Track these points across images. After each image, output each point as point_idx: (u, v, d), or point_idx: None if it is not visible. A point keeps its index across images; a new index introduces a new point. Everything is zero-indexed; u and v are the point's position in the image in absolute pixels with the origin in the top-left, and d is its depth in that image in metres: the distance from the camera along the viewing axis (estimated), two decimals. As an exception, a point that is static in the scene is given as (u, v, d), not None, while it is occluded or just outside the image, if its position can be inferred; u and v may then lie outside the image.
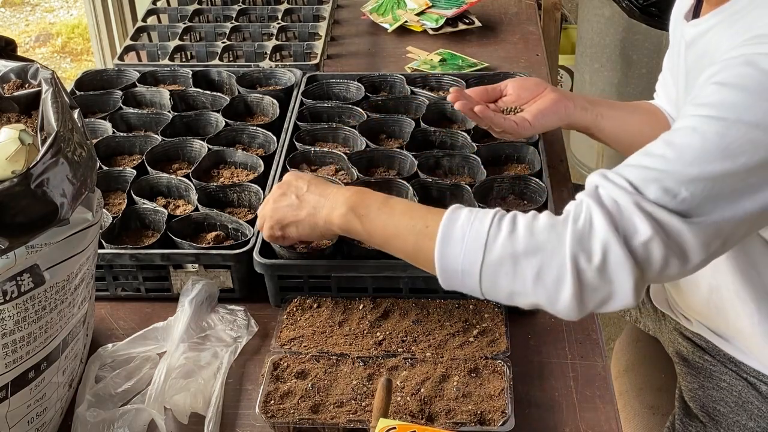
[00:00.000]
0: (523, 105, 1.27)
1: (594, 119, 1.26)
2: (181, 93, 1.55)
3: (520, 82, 1.30)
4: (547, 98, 1.26)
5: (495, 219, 0.91)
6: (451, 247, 0.92)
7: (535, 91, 1.27)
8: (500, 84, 1.31)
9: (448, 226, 0.93)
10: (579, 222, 0.88)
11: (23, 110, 0.99)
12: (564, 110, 1.25)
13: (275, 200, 1.10)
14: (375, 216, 1.01)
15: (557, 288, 0.88)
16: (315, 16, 1.93)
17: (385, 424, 0.91)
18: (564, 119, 1.26)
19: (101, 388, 1.04)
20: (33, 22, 4.60)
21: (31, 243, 0.84)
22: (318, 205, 1.06)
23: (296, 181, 1.10)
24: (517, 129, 1.22)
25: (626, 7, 2.57)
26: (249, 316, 1.16)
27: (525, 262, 0.88)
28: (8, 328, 0.86)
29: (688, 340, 1.30)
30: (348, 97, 1.55)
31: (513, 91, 1.29)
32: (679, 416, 1.27)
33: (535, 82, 1.30)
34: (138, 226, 1.26)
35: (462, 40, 1.94)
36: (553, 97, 1.25)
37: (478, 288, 0.92)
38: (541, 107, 1.24)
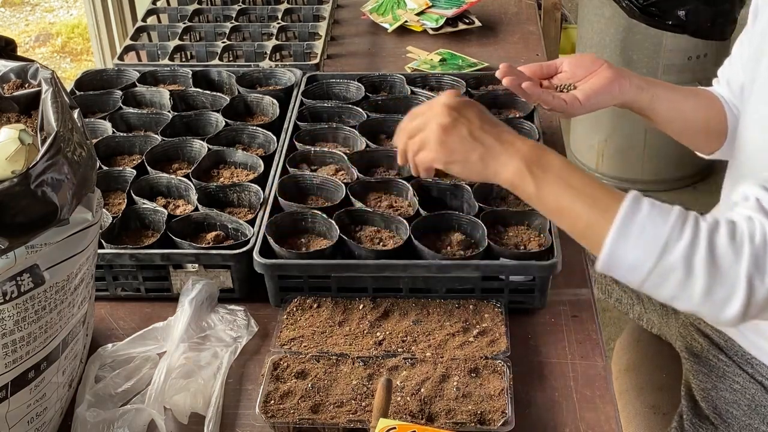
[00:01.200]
0: (578, 82, 1.24)
1: (649, 100, 1.24)
2: (181, 93, 1.55)
3: (576, 59, 1.27)
4: (601, 76, 1.22)
5: (677, 221, 0.88)
6: (627, 239, 0.89)
7: (591, 68, 1.24)
8: (556, 61, 1.29)
9: (629, 217, 0.89)
10: (756, 240, 0.87)
11: (23, 110, 0.99)
12: (618, 89, 1.21)
13: (445, 129, 0.99)
14: (551, 182, 0.95)
15: (725, 304, 0.87)
16: (315, 16, 1.93)
17: (385, 424, 0.91)
18: (618, 98, 1.23)
19: (101, 388, 1.04)
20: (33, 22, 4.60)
21: (31, 243, 0.84)
22: (492, 150, 0.98)
23: (467, 111, 1.01)
24: (567, 107, 1.21)
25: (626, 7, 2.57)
26: (249, 316, 1.16)
27: (699, 276, 0.87)
28: (8, 328, 0.86)
29: (703, 336, 1.29)
30: (348, 97, 1.55)
31: (568, 68, 1.26)
32: (688, 416, 1.26)
33: (591, 59, 1.26)
34: (138, 226, 1.26)
35: (462, 40, 1.94)
36: (608, 75, 1.21)
37: (639, 284, 0.90)
38: (594, 86, 1.21)
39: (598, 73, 1.23)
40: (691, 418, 1.26)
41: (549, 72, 1.28)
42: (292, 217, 1.23)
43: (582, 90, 1.22)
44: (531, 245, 1.18)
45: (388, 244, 1.18)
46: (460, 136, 0.98)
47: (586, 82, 1.23)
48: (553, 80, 1.27)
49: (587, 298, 1.20)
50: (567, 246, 1.26)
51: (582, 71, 1.25)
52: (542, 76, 1.28)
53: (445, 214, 1.22)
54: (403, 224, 1.19)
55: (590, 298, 1.20)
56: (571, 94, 1.21)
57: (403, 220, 1.19)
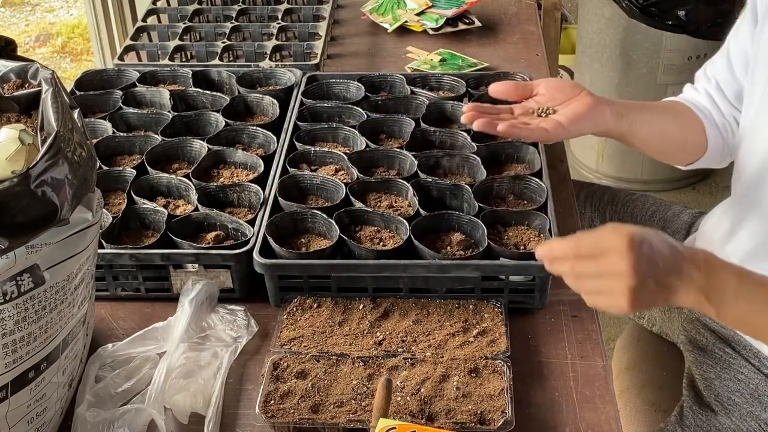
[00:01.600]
0: (557, 106, 1.20)
1: (629, 126, 1.21)
2: (181, 93, 1.55)
3: (555, 84, 1.23)
4: (583, 102, 1.18)
5: None
6: None
7: (571, 94, 1.20)
8: (533, 82, 1.24)
9: None
10: None
11: (23, 110, 0.99)
12: (600, 116, 1.18)
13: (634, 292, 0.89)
14: (731, 303, 0.92)
15: None
16: (315, 16, 1.93)
17: (385, 424, 0.91)
18: (599, 126, 1.19)
19: (101, 388, 1.04)
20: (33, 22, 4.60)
21: (31, 243, 0.84)
22: (673, 288, 0.92)
23: (651, 258, 0.91)
24: (549, 135, 1.16)
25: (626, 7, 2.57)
26: (249, 316, 1.16)
27: None
28: (8, 328, 0.86)
29: (710, 331, 1.30)
30: (348, 97, 1.55)
31: (546, 91, 1.22)
32: (689, 404, 1.27)
33: (571, 85, 1.23)
34: (138, 226, 1.26)
35: (462, 40, 1.94)
36: (589, 102, 1.18)
37: None
38: (576, 111, 1.17)
39: (578, 98, 1.19)
40: (692, 406, 1.26)
41: (525, 93, 1.23)
42: (292, 217, 1.23)
43: (564, 114, 1.17)
44: (531, 245, 1.18)
45: (388, 244, 1.19)
46: (648, 290, 0.91)
47: (566, 107, 1.19)
48: (530, 102, 1.23)
49: (587, 298, 1.20)
50: (567, 246, 1.26)
51: (561, 96, 1.21)
52: (517, 96, 1.23)
53: (445, 214, 1.22)
54: (403, 224, 1.19)
55: (590, 298, 1.20)
56: (553, 119, 1.17)
57: (403, 220, 1.19)
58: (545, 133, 1.15)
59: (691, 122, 1.29)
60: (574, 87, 1.21)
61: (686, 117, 1.30)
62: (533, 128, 1.15)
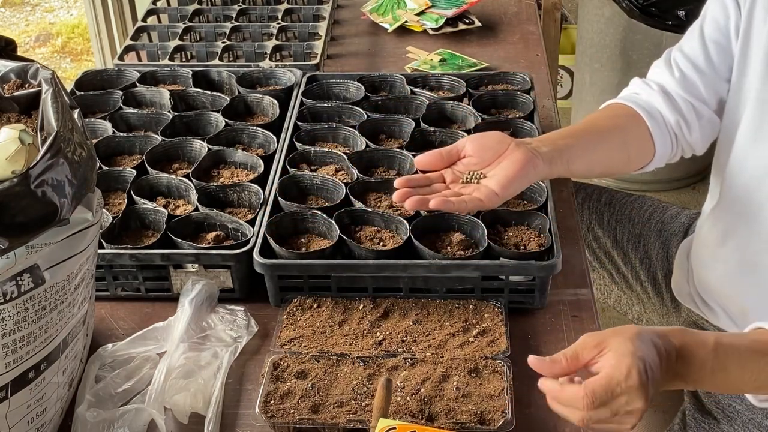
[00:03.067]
0: (486, 168, 1.13)
1: (566, 167, 1.17)
2: (181, 93, 1.55)
3: (480, 141, 1.14)
4: (512, 160, 1.11)
5: None
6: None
7: (498, 150, 1.12)
8: (457, 144, 1.16)
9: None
10: None
11: (23, 110, 0.99)
12: (533, 171, 1.12)
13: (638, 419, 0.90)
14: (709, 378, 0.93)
15: None
16: (315, 16, 1.93)
17: (385, 424, 0.91)
18: (533, 180, 1.14)
19: (101, 388, 1.04)
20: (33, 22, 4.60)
21: (31, 243, 0.84)
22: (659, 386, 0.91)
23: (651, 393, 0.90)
24: (484, 204, 1.09)
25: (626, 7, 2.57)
26: (249, 316, 1.16)
27: None
28: (8, 328, 0.86)
29: None
30: (348, 97, 1.55)
31: (473, 152, 1.14)
32: (691, 411, 1.27)
33: (497, 139, 1.14)
34: (138, 226, 1.26)
35: (462, 40, 1.94)
36: (518, 158, 1.10)
37: None
38: (508, 173, 1.10)
39: (507, 155, 1.12)
40: (693, 413, 1.26)
41: (450, 159, 1.15)
42: (292, 217, 1.23)
43: (496, 179, 1.10)
44: (531, 245, 1.18)
45: (388, 244, 1.19)
46: None
47: (496, 167, 1.12)
48: (458, 167, 1.15)
49: (587, 298, 1.20)
50: (567, 246, 1.26)
51: (490, 154, 1.13)
52: (444, 164, 1.15)
53: (445, 214, 1.22)
54: (403, 224, 1.19)
55: (590, 298, 1.20)
56: (486, 187, 1.10)
57: (403, 220, 1.19)
58: (480, 203, 1.09)
59: (635, 133, 1.26)
60: (500, 142, 1.14)
61: (629, 129, 1.26)
62: (467, 200, 1.09)
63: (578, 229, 1.33)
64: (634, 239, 1.52)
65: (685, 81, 1.26)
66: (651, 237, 1.50)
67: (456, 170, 1.14)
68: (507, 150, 1.12)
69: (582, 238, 1.33)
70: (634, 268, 1.52)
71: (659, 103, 1.27)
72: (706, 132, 1.29)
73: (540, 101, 1.61)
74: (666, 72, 1.29)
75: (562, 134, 1.22)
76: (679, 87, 1.27)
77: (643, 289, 1.52)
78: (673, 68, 1.28)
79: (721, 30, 1.22)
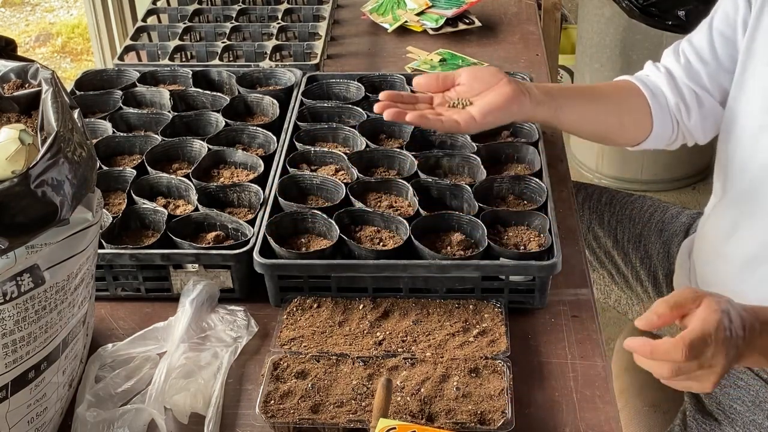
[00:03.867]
0: (474, 97, 1.18)
1: (553, 113, 1.21)
2: (181, 93, 1.55)
3: (475, 72, 1.21)
4: (499, 92, 1.16)
5: None
6: None
7: (490, 82, 1.18)
8: (454, 72, 1.22)
9: None
10: None
11: (23, 110, 0.99)
12: (517, 107, 1.17)
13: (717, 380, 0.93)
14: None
15: None
16: (315, 16, 1.93)
17: (385, 424, 0.91)
18: (516, 116, 1.19)
19: (101, 388, 1.04)
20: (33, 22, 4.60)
21: (31, 243, 0.84)
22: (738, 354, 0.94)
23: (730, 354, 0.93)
24: (460, 128, 1.15)
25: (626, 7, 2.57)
26: (249, 317, 1.16)
27: None
28: (8, 328, 0.86)
29: None
30: (348, 97, 1.55)
31: (466, 80, 1.19)
32: (691, 412, 1.27)
33: (491, 73, 1.20)
34: (138, 226, 1.26)
35: (462, 40, 1.94)
36: (506, 92, 1.16)
37: None
38: (491, 103, 1.15)
39: (496, 88, 1.17)
40: (694, 414, 1.26)
41: (446, 84, 1.21)
42: (292, 217, 1.23)
43: (478, 107, 1.15)
44: (531, 245, 1.18)
45: (388, 244, 1.19)
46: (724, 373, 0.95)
47: (483, 98, 1.17)
48: (450, 93, 1.21)
49: (587, 298, 1.20)
50: (567, 246, 1.26)
51: (480, 85, 1.18)
52: (438, 88, 1.21)
53: (445, 214, 1.22)
54: (403, 224, 1.19)
55: (590, 298, 1.20)
56: (466, 112, 1.15)
57: (403, 220, 1.19)
58: (456, 125, 1.14)
59: (633, 103, 1.29)
60: (493, 75, 1.19)
61: (628, 98, 1.29)
62: (444, 119, 1.14)
63: (578, 229, 1.34)
64: (634, 239, 1.52)
65: (689, 69, 1.29)
66: (652, 237, 1.51)
67: (447, 96, 1.20)
68: (498, 84, 1.17)
69: (582, 238, 1.33)
70: (635, 267, 1.52)
71: (663, 84, 1.30)
72: (708, 121, 1.30)
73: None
74: (673, 58, 1.32)
75: (560, 86, 1.27)
76: (683, 74, 1.29)
77: (643, 288, 1.52)
78: (680, 56, 1.31)
79: (729, 22, 1.24)
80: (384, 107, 1.16)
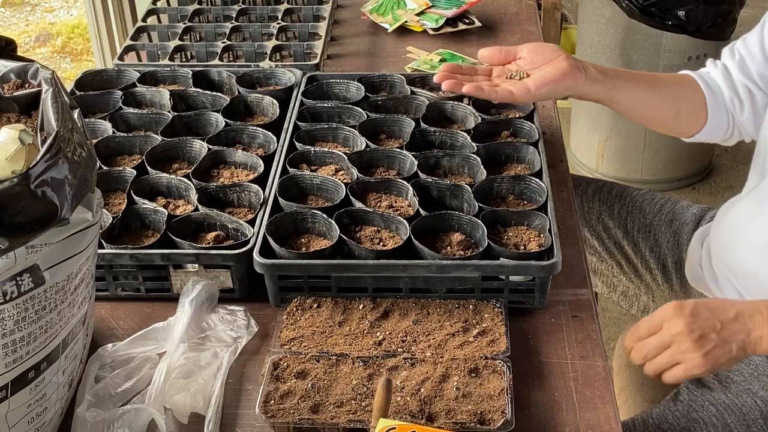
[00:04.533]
0: (533, 70, 1.26)
1: (607, 92, 1.26)
2: (181, 93, 1.55)
3: (536, 46, 1.29)
4: (556, 67, 1.24)
5: None
6: None
7: (549, 57, 1.26)
8: (517, 47, 1.30)
9: None
10: None
11: (23, 110, 0.99)
12: (572, 82, 1.24)
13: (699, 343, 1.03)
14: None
15: None
16: (315, 16, 1.93)
17: (385, 424, 0.91)
18: (570, 91, 1.25)
19: (101, 388, 1.04)
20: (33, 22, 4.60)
21: (31, 243, 0.84)
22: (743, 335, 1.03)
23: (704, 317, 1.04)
24: (514, 98, 1.22)
25: (626, 7, 2.57)
26: (249, 317, 1.16)
27: None
28: (8, 328, 0.86)
29: None
30: (348, 97, 1.55)
31: (527, 54, 1.28)
32: (686, 383, 1.27)
33: (551, 48, 1.28)
34: (138, 226, 1.26)
35: (462, 40, 1.94)
36: (563, 67, 1.24)
37: None
38: (547, 76, 1.23)
39: (554, 63, 1.24)
40: (688, 384, 1.27)
41: (508, 57, 1.30)
42: (292, 217, 1.23)
43: (533, 79, 1.23)
44: (531, 245, 1.18)
45: (388, 244, 1.19)
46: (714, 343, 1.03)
47: (540, 71, 1.25)
48: (510, 66, 1.29)
49: (587, 298, 1.20)
50: (567, 246, 1.26)
51: (539, 58, 1.26)
52: (500, 60, 1.30)
53: (445, 214, 1.22)
54: (403, 224, 1.19)
55: (590, 298, 1.20)
56: (522, 83, 1.23)
57: (403, 220, 1.19)
58: (510, 95, 1.21)
59: (690, 95, 1.32)
60: (553, 51, 1.27)
61: (685, 89, 1.32)
62: (499, 90, 1.23)
63: (578, 228, 1.34)
64: (644, 229, 1.53)
65: (743, 65, 1.32)
66: (662, 226, 1.52)
67: (507, 68, 1.29)
68: (557, 59, 1.26)
69: (582, 238, 1.33)
70: (644, 256, 1.53)
71: (720, 79, 1.34)
72: (759, 117, 1.32)
73: (540, 101, 1.61)
74: (728, 55, 1.36)
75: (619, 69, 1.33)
76: (737, 69, 1.33)
77: (652, 276, 1.53)
78: (735, 53, 1.35)
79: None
80: (443, 77, 1.25)
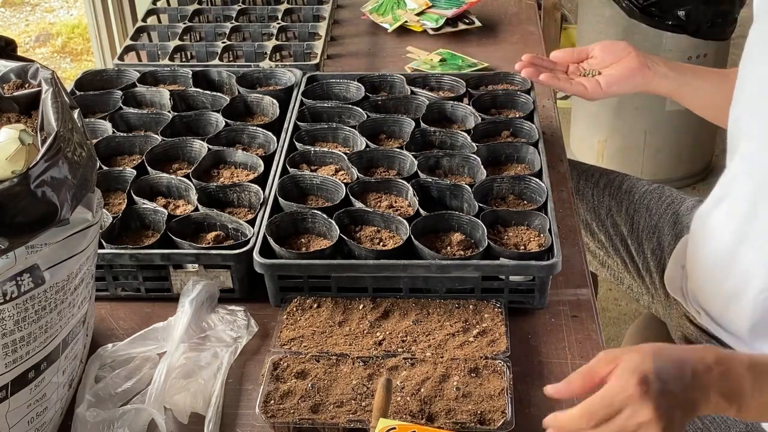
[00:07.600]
0: (604, 68, 1.34)
1: (676, 88, 1.31)
2: (181, 93, 1.55)
3: (608, 46, 1.37)
4: (626, 65, 1.31)
5: None
6: None
7: (619, 55, 1.33)
8: (588, 47, 1.38)
9: None
10: None
11: (23, 110, 0.99)
12: (641, 79, 1.31)
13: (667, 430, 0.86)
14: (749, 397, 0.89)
15: None
16: (315, 16, 1.93)
17: (385, 424, 0.91)
18: (640, 87, 1.32)
19: (101, 388, 1.04)
20: (33, 22, 4.60)
21: (31, 243, 0.84)
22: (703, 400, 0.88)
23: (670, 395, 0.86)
24: (587, 93, 1.31)
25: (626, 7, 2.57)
26: (249, 317, 1.16)
27: None
28: (8, 328, 0.86)
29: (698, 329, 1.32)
30: (348, 97, 1.55)
31: (598, 53, 1.36)
32: None
33: (622, 47, 1.35)
34: (138, 226, 1.26)
35: (462, 40, 1.94)
36: (633, 65, 1.31)
37: None
38: (617, 73, 1.31)
39: (623, 61, 1.32)
40: None
41: (579, 57, 1.39)
42: (292, 217, 1.23)
43: (605, 76, 1.32)
44: (531, 245, 1.18)
45: (388, 244, 1.19)
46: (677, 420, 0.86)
47: (611, 69, 1.33)
48: (583, 65, 1.38)
49: (587, 298, 1.20)
50: (567, 246, 1.26)
51: (611, 57, 1.34)
52: (572, 61, 1.39)
53: (445, 214, 1.22)
54: (403, 224, 1.19)
55: (590, 298, 1.20)
56: (594, 79, 1.32)
57: (403, 220, 1.19)
58: (583, 90, 1.31)
59: None
60: (623, 49, 1.35)
61: None
62: (574, 83, 1.32)
63: (578, 229, 1.34)
64: (649, 230, 1.53)
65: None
66: (665, 228, 1.52)
67: (581, 66, 1.38)
68: (627, 57, 1.33)
69: (582, 239, 1.33)
70: (646, 258, 1.53)
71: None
72: None
73: (540, 101, 1.61)
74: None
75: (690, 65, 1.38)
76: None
77: (651, 280, 1.53)
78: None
79: None
80: (523, 66, 1.35)
